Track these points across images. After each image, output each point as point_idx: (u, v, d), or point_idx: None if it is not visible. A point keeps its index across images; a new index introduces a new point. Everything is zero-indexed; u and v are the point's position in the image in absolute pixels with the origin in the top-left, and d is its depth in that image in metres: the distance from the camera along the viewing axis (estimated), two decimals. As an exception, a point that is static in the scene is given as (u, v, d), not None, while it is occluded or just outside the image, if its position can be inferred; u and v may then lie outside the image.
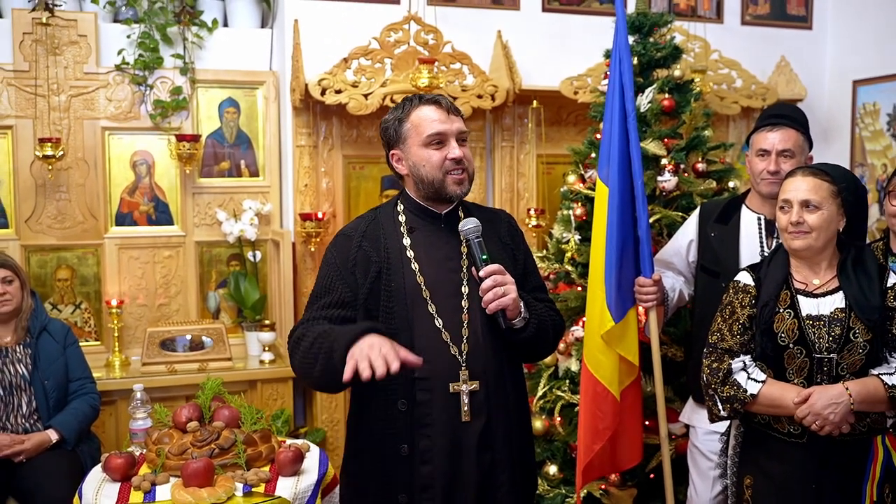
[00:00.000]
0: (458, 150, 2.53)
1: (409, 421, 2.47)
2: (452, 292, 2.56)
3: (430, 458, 2.48)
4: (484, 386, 2.52)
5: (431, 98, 2.57)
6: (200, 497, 2.80)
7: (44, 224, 4.77)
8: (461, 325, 2.54)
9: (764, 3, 5.74)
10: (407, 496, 2.48)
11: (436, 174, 2.53)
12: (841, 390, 2.56)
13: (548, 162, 5.30)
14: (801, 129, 3.23)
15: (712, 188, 3.97)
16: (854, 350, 2.62)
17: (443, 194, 2.56)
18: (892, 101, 5.31)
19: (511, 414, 2.60)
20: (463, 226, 2.53)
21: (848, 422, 2.56)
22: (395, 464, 2.49)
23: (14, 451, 3.70)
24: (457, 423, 2.49)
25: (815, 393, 2.57)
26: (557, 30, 5.24)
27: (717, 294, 3.09)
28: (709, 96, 5.19)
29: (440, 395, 2.48)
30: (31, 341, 3.95)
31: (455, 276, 2.58)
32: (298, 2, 4.82)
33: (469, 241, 2.53)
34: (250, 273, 5.02)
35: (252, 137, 5.09)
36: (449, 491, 2.49)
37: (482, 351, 2.54)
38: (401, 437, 2.48)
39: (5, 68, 4.67)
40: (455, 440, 2.49)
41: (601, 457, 3.33)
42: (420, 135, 2.53)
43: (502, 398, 2.58)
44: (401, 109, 2.59)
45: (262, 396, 4.68)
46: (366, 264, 2.54)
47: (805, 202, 2.65)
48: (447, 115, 2.54)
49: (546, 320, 2.65)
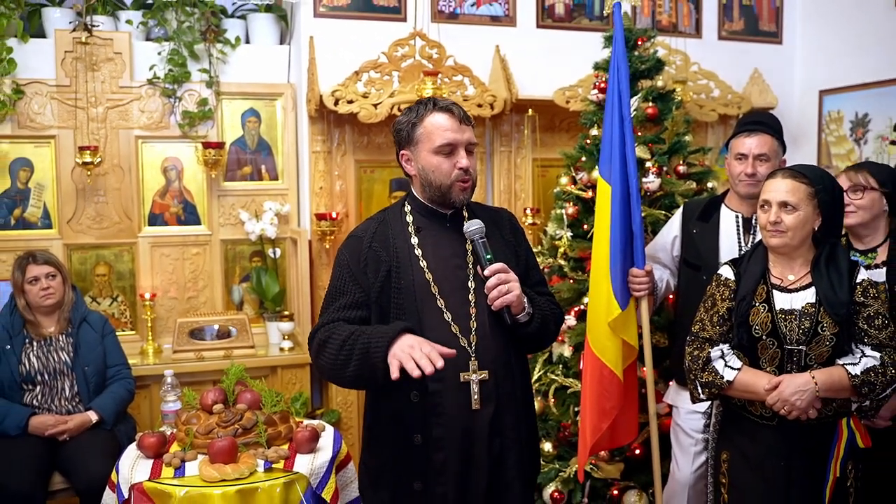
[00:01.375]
0: (466, 160, 2.45)
1: (421, 411, 2.40)
2: (459, 287, 2.49)
3: (444, 445, 2.41)
4: (493, 375, 2.45)
5: (445, 105, 2.47)
6: (225, 473, 2.80)
7: (84, 225, 4.76)
8: (469, 318, 2.47)
9: (738, 20, 5.72)
10: (421, 483, 2.42)
11: (444, 181, 2.46)
12: (807, 379, 2.55)
13: (542, 165, 5.28)
14: (776, 135, 3.22)
15: (692, 189, 3.97)
16: (821, 342, 2.61)
17: (448, 200, 2.49)
18: (855, 109, 5.29)
19: (518, 400, 2.54)
20: (467, 227, 2.47)
21: (814, 407, 2.56)
22: (409, 452, 2.42)
23: (58, 430, 3.73)
24: (468, 411, 2.42)
25: (784, 381, 2.57)
26: (550, 45, 5.21)
27: (698, 286, 3.08)
28: (689, 105, 5.17)
29: (451, 384, 2.40)
30: (73, 331, 3.95)
31: (461, 272, 2.51)
32: (313, 20, 4.81)
33: (474, 242, 2.47)
34: (271, 268, 5.00)
35: (272, 144, 5.06)
36: (462, 476, 2.43)
37: (490, 342, 2.47)
38: (414, 427, 2.41)
39: (48, 83, 4.65)
40: (466, 427, 2.43)
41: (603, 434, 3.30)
42: (432, 142, 2.45)
43: (510, 386, 2.51)
44: (415, 112, 2.49)
45: (282, 381, 4.66)
46: (376, 264, 2.47)
47: (783, 203, 2.63)
48: (459, 124, 2.45)
49: (548, 314, 2.59)
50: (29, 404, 3.80)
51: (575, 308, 3.90)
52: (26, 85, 4.60)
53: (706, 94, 5.41)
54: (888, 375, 2.56)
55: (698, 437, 3.36)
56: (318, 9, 4.81)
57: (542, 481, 3.85)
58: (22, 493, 3.47)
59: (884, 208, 3.07)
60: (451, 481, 2.42)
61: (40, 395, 3.82)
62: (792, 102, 5.76)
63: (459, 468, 2.43)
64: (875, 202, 3.05)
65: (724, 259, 3.06)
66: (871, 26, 5.13)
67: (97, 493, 3.23)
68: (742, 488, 2.75)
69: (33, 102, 4.63)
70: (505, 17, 5.15)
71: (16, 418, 3.70)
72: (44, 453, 3.68)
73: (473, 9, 5.08)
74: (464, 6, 5.07)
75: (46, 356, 3.86)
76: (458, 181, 2.46)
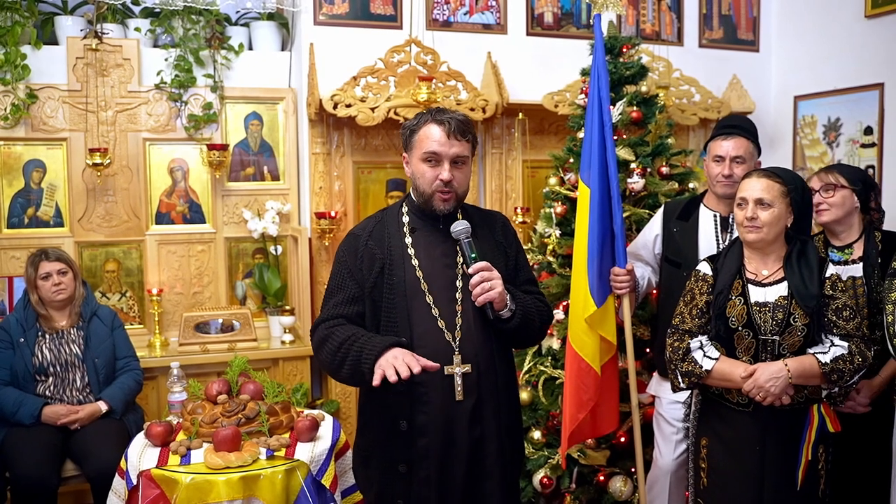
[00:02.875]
0: (447, 172, 2.46)
1: (408, 399, 2.45)
2: (448, 285, 2.52)
3: (427, 432, 2.45)
4: (476, 368, 2.48)
5: (441, 118, 2.48)
6: (229, 460, 2.80)
7: (94, 223, 4.75)
8: (455, 315, 2.50)
9: (718, 29, 5.73)
10: (406, 465, 2.47)
11: (426, 188, 2.49)
12: (781, 367, 2.59)
13: (532, 166, 5.28)
14: (752, 138, 3.24)
15: (674, 189, 3.97)
16: (794, 333, 2.64)
17: (430, 207, 2.52)
18: (828, 114, 5.31)
19: (500, 392, 2.55)
20: (454, 227, 2.49)
21: (787, 394, 2.59)
22: (395, 437, 2.47)
23: (70, 419, 3.73)
24: (451, 401, 2.46)
25: (759, 369, 2.60)
26: (540, 51, 5.22)
27: (679, 282, 3.10)
28: (671, 109, 5.18)
29: (436, 376, 2.43)
30: (83, 325, 3.95)
31: (450, 271, 2.54)
32: (313, 28, 4.80)
33: (459, 241, 2.49)
34: (272, 265, 5.00)
35: (273, 146, 5.06)
36: (443, 460, 2.47)
37: (474, 337, 2.50)
38: (401, 414, 2.46)
39: (60, 88, 4.65)
40: (448, 416, 2.46)
41: (584, 424, 3.33)
42: (421, 149, 2.48)
43: (492, 379, 2.53)
44: (417, 120, 2.53)
45: (284, 372, 4.66)
46: (371, 260, 2.51)
47: (759, 200, 2.67)
48: (447, 138, 2.45)
49: (532, 311, 2.58)
50: (42, 395, 3.80)
51: (563, 303, 3.91)
52: (39, 90, 4.60)
53: (687, 98, 5.42)
54: (855, 363, 2.60)
55: (679, 425, 3.38)
56: (318, 17, 4.81)
57: (531, 468, 3.86)
58: (36, 479, 3.47)
59: (855, 205, 3.13)
60: (434, 465, 2.46)
61: (53, 385, 3.82)
62: (768, 107, 5.77)
63: (441, 454, 2.46)
64: (846, 199, 3.11)
65: (703, 256, 3.08)
66: (844, 36, 5.15)
67: (107, 479, 3.24)
68: (720, 472, 2.77)
69: (46, 106, 4.62)
70: (496, 25, 5.16)
71: (30, 408, 3.70)
72: (57, 442, 3.68)
73: (466, 17, 5.09)
74: (457, 14, 5.07)
75: (58, 349, 3.85)
76: (439, 191, 2.48)
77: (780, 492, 2.66)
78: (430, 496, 2.48)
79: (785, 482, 2.66)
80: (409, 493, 2.48)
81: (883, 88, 4.89)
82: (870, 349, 2.66)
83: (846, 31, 5.13)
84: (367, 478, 2.61)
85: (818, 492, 2.72)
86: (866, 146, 5.02)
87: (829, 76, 5.28)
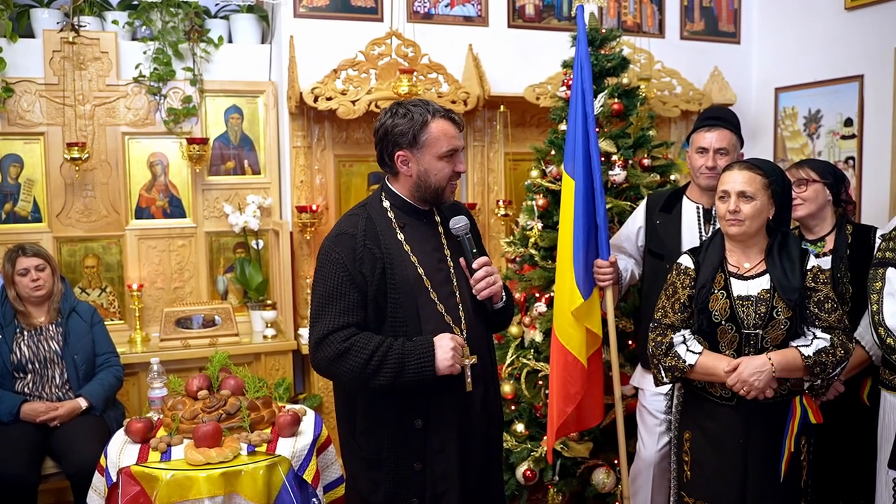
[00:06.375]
0: (462, 164, 2.50)
1: (422, 396, 2.41)
2: (445, 280, 2.50)
3: (443, 427, 2.43)
4: (480, 359, 2.48)
5: (446, 114, 2.45)
6: (210, 456, 2.78)
7: (72, 218, 4.70)
8: (457, 309, 2.49)
9: (699, 21, 5.74)
10: (421, 463, 2.43)
11: (442, 183, 2.46)
12: (764, 360, 2.59)
13: (514, 159, 5.27)
14: (735, 130, 3.23)
15: (656, 181, 3.97)
16: (776, 326, 2.63)
17: (440, 199, 2.51)
18: (808, 106, 5.32)
19: (495, 379, 2.67)
20: (454, 224, 2.50)
21: (771, 387, 2.59)
22: (409, 435, 2.41)
23: (49, 416, 3.70)
24: (462, 392, 2.45)
25: (743, 363, 2.60)
26: (521, 44, 5.20)
27: (662, 274, 3.09)
28: (653, 101, 5.18)
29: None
30: (62, 321, 3.91)
31: (443, 265, 2.52)
32: (293, 20, 4.76)
33: (461, 238, 2.50)
34: (254, 259, 4.96)
35: (254, 140, 5.02)
36: (462, 452, 2.47)
37: (475, 329, 2.52)
38: (415, 412, 2.41)
39: (37, 82, 4.58)
40: (463, 408, 2.47)
41: (569, 417, 3.32)
42: (439, 148, 2.41)
43: (490, 367, 2.62)
44: (415, 115, 2.42)
45: (266, 367, 4.63)
46: (372, 261, 2.39)
47: (741, 192, 2.66)
48: (459, 131, 2.48)
49: (511, 297, 2.69)
50: (21, 392, 3.76)
51: (546, 295, 3.90)
52: (16, 83, 4.53)
53: (669, 90, 5.42)
54: (837, 356, 2.60)
55: (662, 417, 3.38)
56: (298, 9, 4.77)
57: (514, 461, 3.85)
58: (15, 477, 3.43)
59: (828, 198, 3.15)
60: (454, 459, 2.45)
61: (31, 382, 3.77)
62: (749, 99, 5.78)
63: (459, 446, 2.46)
64: (819, 193, 3.13)
65: (687, 248, 3.07)
66: (824, 28, 5.17)
67: (87, 476, 3.19)
68: (703, 465, 2.77)
69: (23, 100, 4.56)
70: (477, 18, 5.13)
71: (8, 405, 3.66)
72: (36, 439, 3.64)
73: (447, 9, 5.06)
74: (438, 7, 5.04)
75: (37, 345, 3.81)
76: (452, 182, 2.50)
77: (763, 483, 2.66)
78: (451, 489, 2.45)
79: (768, 474, 2.67)
80: (424, 491, 2.44)
81: (863, 80, 4.91)
82: (851, 340, 2.66)
83: (826, 24, 5.15)
84: (372, 480, 2.46)
85: (800, 483, 2.73)
86: (846, 138, 5.04)
87: (809, 68, 5.30)
